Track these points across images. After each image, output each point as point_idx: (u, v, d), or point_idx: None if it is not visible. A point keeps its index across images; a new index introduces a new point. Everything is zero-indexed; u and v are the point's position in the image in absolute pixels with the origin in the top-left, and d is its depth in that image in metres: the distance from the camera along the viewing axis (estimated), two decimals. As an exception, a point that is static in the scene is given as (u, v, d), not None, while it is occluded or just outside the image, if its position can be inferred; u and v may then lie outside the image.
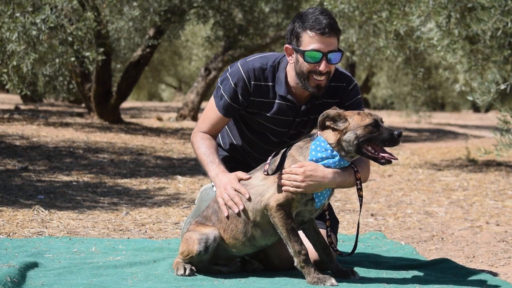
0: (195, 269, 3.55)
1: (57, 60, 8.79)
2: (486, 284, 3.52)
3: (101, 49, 9.46)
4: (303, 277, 3.50)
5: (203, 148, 3.74)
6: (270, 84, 3.71)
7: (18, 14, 7.77)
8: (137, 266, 3.74)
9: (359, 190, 3.52)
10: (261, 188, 3.51)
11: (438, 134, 16.40)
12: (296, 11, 13.06)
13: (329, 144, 3.42)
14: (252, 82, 3.69)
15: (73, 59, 8.89)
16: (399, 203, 6.65)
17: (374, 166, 9.48)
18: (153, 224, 5.26)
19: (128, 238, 4.71)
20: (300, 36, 3.57)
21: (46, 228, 4.90)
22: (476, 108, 31.52)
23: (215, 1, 13.34)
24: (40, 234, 4.69)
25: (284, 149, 3.55)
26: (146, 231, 5.01)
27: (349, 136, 3.39)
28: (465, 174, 8.74)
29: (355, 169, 3.51)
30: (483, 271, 3.93)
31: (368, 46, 13.71)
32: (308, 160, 3.46)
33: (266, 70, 3.71)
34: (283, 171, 3.45)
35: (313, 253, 3.64)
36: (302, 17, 3.59)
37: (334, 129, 3.42)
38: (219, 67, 15.41)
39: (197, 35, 22.57)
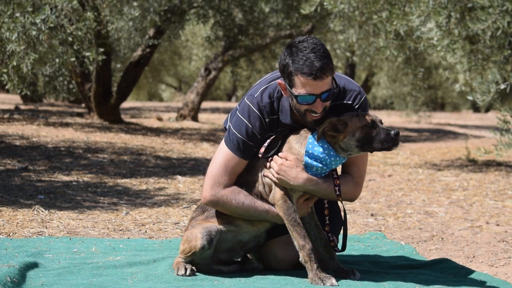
0: (195, 269, 3.56)
1: (57, 60, 8.79)
2: (486, 284, 3.52)
3: (101, 49, 9.45)
4: (303, 277, 3.51)
5: (245, 206, 3.56)
6: (277, 116, 3.63)
7: (18, 14, 7.77)
8: (137, 266, 3.74)
9: (338, 196, 3.55)
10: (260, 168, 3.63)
11: (438, 134, 16.40)
12: (296, 11, 13.07)
13: (326, 139, 3.47)
14: (267, 119, 3.59)
15: (73, 59, 8.89)
16: (399, 203, 6.64)
17: (374, 166, 9.47)
18: (153, 224, 5.26)
19: (128, 238, 4.71)
20: (292, 78, 3.43)
21: (46, 228, 4.90)
22: (476, 108, 31.55)
23: (215, 1, 13.34)
24: (40, 234, 4.69)
25: (286, 134, 3.59)
26: (146, 231, 5.01)
27: (349, 139, 3.43)
28: (465, 174, 8.74)
29: (335, 176, 3.55)
30: (483, 271, 3.93)
31: (368, 46, 13.73)
32: (304, 150, 3.51)
33: (274, 102, 3.60)
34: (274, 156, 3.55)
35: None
36: (292, 54, 3.42)
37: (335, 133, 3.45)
38: (219, 67, 15.41)
39: (197, 35, 22.58)
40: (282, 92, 3.56)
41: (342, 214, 3.78)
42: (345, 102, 3.60)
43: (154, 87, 33.30)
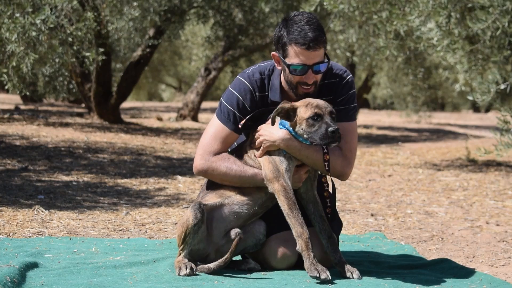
0: (195, 268, 3.55)
1: (57, 60, 8.79)
2: (486, 284, 3.52)
3: (101, 49, 9.45)
4: (303, 277, 3.51)
5: (234, 169, 3.62)
6: (267, 94, 3.72)
7: (18, 15, 7.76)
8: (137, 266, 3.74)
9: (328, 171, 3.58)
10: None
11: (438, 134, 16.40)
12: (296, 11, 13.05)
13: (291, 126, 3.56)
14: (257, 94, 3.69)
15: (73, 59, 8.89)
16: (399, 203, 6.64)
17: (374, 166, 9.47)
18: (153, 224, 5.26)
19: (128, 238, 4.71)
20: (286, 48, 3.56)
21: (46, 228, 4.90)
22: (476, 108, 31.56)
23: (215, 1, 13.34)
24: (40, 234, 4.69)
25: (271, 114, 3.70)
26: (146, 231, 5.01)
27: (298, 129, 3.52)
28: (465, 174, 8.74)
29: (325, 150, 3.58)
30: (483, 271, 3.93)
31: (368, 46, 13.73)
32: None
33: (265, 79, 3.72)
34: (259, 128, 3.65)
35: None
36: (288, 26, 3.56)
37: (288, 120, 3.54)
38: (219, 67, 15.41)
39: (197, 35, 22.58)
40: (276, 65, 3.67)
41: (330, 189, 3.79)
42: (333, 80, 3.70)
43: (154, 87, 33.30)
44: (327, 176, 3.73)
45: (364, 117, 24.92)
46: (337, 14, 10.36)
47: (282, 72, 3.65)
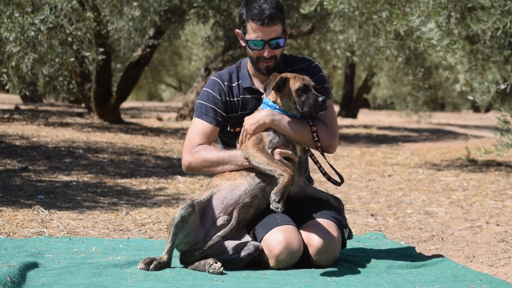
0: (152, 266, 3.60)
1: (57, 60, 8.78)
2: (486, 284, 3.52)
3: (101, 49, 9.45)
4: (302, 277, 3.50)
5: (212, 153, 3.84)
6: (237, 83, 3.97)
7: (17, 15, 7.76)
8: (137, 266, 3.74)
9: (317, 142, 3.78)
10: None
11: (438, 134, 16.40)
12: (296, 11, 13.06)
13: (274, 102, 3.77)
14: (226, 83, 3.95)
15: (72, 59, 8.89)
16: (399, 203, 6.64)
17: (374, 166, 9.47)
18: (153, 224, 5.26)
19: (128, 238, 4.71)
20: (245, 25, 3.85)
21: (46, 228, 4.90)
22: (476, 108, 31.58)
23: (215, 1, 13.33)
24: (40, 234, 4.69)
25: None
26: (146, 231, 5.02)
27: (286, 100, 3.73)
28: (465, 174, 8.74)
29: (311, 123, 3.78)
30: (483, 271, 3.93)
31: (368, 46, 13.73)
32: None
33: (233, 72, 3.99)
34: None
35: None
36: (247, 5, 3.83)
37: (277, 92, 3.75)
38: (219, 67, 15.40)
39: (197, 35, 22.57)
40: (241, 42, 3.95)
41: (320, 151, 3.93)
42: (302, 65, 3.98)
43: (154, 87, 33.29)
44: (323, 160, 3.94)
45: (364, 117, 24.92)
46: (337, 14, 10.36)
47: (246, 48, 3.89)
